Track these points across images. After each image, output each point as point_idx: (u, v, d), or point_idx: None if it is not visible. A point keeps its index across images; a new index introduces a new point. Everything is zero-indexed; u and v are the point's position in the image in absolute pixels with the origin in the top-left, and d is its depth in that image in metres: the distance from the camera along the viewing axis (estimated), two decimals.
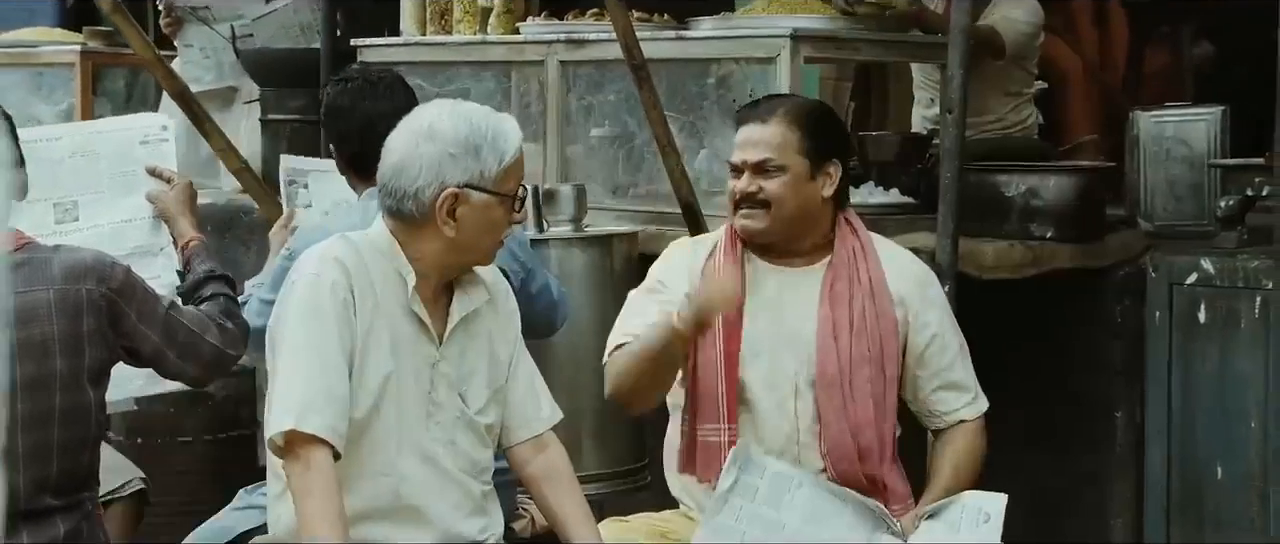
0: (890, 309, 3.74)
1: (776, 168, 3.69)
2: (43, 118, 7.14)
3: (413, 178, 3.25)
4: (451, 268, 3.35)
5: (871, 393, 3.69)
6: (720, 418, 3.68)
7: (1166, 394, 4.72)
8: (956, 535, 3.55)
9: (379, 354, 3.26)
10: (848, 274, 3.73)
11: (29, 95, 7.31)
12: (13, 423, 3.40)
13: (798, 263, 3.78)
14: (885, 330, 3.72)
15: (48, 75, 7.24)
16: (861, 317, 3.70)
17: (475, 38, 5.56)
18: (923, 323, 3.79)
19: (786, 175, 3.70)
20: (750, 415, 3.71)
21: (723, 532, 3.53)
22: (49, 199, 4.00)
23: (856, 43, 5.08)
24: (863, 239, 3.80)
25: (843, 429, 3.67)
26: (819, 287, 3.72)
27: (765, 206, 3.70)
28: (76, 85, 7.03)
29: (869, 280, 3.74)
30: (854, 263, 3.75)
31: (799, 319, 3.71)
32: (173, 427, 5.48)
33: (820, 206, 3.75)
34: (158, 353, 3.58)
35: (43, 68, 7.25)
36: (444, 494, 3.34)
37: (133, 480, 4.42)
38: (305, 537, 3.15)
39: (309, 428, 3.14)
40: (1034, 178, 4.84)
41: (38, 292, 3.44)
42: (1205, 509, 4.62)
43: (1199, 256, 4.67)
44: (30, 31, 7.62)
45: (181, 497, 5.11)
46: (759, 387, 3.70)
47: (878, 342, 3.70)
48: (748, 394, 3.70)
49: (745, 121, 3.81)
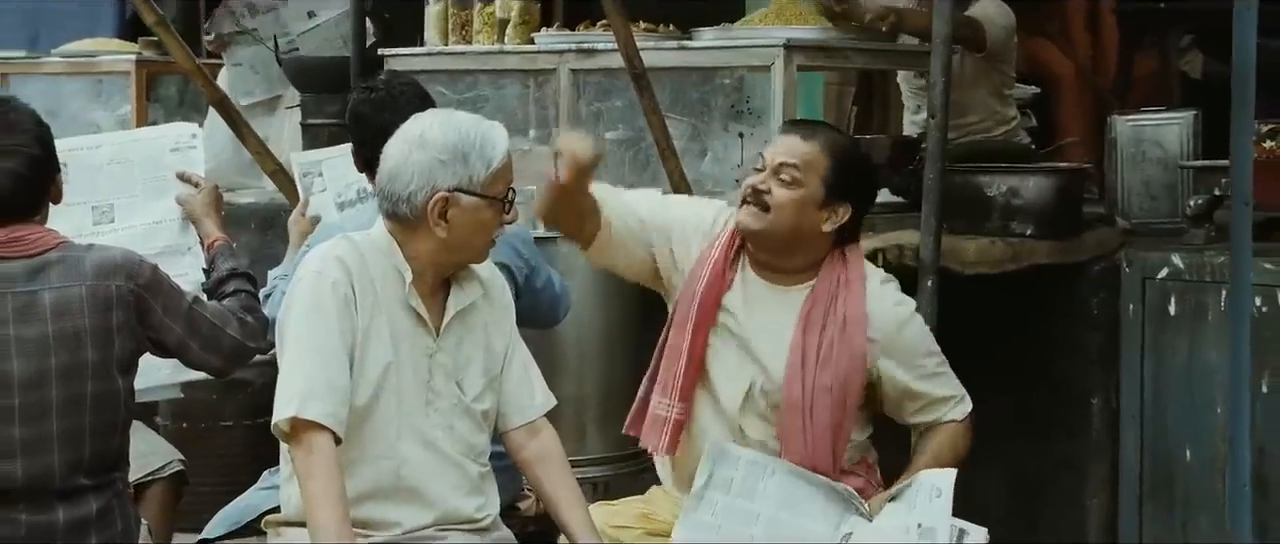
0: (861, 345, 3.69)
1: (794, 180, 3.66)
2: (101, 123, 7.29)
3: (406, 183, 3.30)
4: (446, 266, 3.41)
5: (830, 421, 3.67)
6: (672, 395, 3.72)
7: (1139, 382, 4.78)
8: (912, 513, 3.59)
9: (379, 346, 3.32)
10: (825, 306, 3.69)
11: (89, 102, 7.45)
12: (48, 408, 3.48)
13: (781, 281, 3.75)
14: (851, 367, 3.68)
15: (106, 83, 7.37)
16: (830, 348, 3.67)
17: (493, 47, 5.59)
18: (896, 362, 3.75)
19: (799, 190, 3.66)
20: (704, 403, 3.74)
21: (700, 528, 3.58)
22: (88, 202, 4.10)
23: (846, 52, 5.13)
24: (851, 274, 3.74)
25: (800, 449, 3.68)
26: (796, 311, 3.70)
27: (765, 209, 3.68)
28: (132, 92, 7.16)
29: (844, 317, 3.69)
30: (833, 294, 3.71)
31: (770, 336, 3.70)
32: (214, 412, 5.59)
33: (816, 236, 3.71)
34: (182, 344, 3.63)
35: (102, 76, 7.38)
36: (443, 475, 3.40)
37: (171, 462, 4.50)
38: (308, 515, 3.22)
39: (310, 415, 3.20)
40: (1014, 178, 4.86)
41: (72, 287, 3.49)
42: (1175, 491, 4.68)
43: (1170, 252, 4.73)
44: (91, 42, 7.74)
45: (221, 477, 5.21)
46: (719, 379, 3.73)
47: (841, 376, 3.67)
48: (706, 383, 3.73)
49: (790, 131, 3.79)
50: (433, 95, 4.73)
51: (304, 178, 4.53)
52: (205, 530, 4.19)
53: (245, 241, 6.36)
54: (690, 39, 5.13)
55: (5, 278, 3.48)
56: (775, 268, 3.75)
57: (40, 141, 3.57)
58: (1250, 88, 3.98)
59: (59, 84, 7.56)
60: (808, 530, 3.62)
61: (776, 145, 3.75)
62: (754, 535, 3.60)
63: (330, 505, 3.19)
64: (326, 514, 3.18)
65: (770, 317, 3.72)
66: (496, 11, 5.60)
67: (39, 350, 3.47)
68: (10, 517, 3.47)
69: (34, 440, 3.47)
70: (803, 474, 3.69)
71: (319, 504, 3.19)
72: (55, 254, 3.53)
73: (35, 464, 3.48)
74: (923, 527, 3.57)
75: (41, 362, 3.48)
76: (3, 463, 3.46)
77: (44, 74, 7.65)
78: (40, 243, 3.53)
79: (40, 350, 3.48)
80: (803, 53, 4.89)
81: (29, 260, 3.50)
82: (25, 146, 3.52)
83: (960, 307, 4.64)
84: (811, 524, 3.63)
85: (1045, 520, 5.06)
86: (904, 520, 3.60)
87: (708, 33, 5.12)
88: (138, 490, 4.42)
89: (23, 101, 3.67)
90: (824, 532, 3.63)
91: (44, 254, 3.51)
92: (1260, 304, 4.53)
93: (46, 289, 3.49)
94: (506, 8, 5.57)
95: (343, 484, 3.23)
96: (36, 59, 7.82)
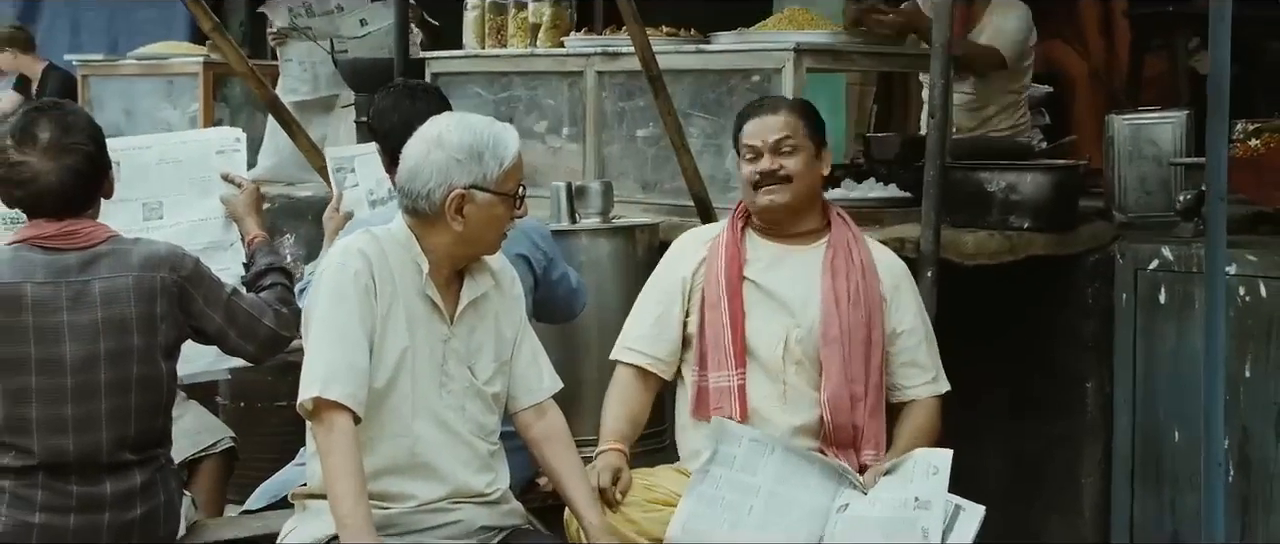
0: (877, 288, 3.92)
1: (793, 147, 3.90)
2: (172, 120, 7.44)
3: (425, 181, 3.39)
4: (461, 258, 3.49)
5: (865, 354, 3.87)
6: (729, 366, 3.86)
7: (1131, 368, 4.80)
8: (909, 486, 3.66)
9: (397, 332, 3.40)
10: (845, 255, 3.92)
11: (161, 101, 7.61)
12: (97, 389, 3.59)
13: (797, 241, 3.95)
14: (872, 304, 3.90)
15: (177, 83, 7.54)
16: (857, 290, 3.88)
17: (525, 51, 5.67)
18: (898, 310, 3.96)
19: (802, 154, 3.91)
20: (751, 368, 3.87)
21: (704, 499, 3.67)
22: (139, 199, 4.19)
23: (853, 55, 5.17)
24: (855, 231, 3.99)
25: (841, 381, 3.84)
26: (820, 262, 3.91)
27: (787, 182, 3.90)
28: (200, 92, 7.31)
29: (862, 262, 3.92)
30: (849, 247, 3.94)
31: (797, 287, 3.89)
32: (270, 392, 5.66)
33: (819, 185, 3.97)
34: (221, 332, 3.74)
35: (173, 77, 7.56)
36: (454, 453, 3.47)
37: (223, 439, 4.57)
38: (328, 488, 3.31)
39: (332, 396, 3.29)
40: (1012, 174, 4.88)
41: (120, 278, 3.60)
42: (1163, 469, 4.71)
43: (1160, 245, 4.74)
44: (163, 45, 7.90)
45: (276, 453, 5.26)
46: (755, 339, 3.87)
47: (867, 312, 3.88)
48: (749, 351, 3.87)
49: (755, 116, 3.98)
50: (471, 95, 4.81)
51: (336, 173, 4.60)
52: (247, 503, 4.30)
53: (304, 233, 6.47)
54: (708, 43, 5.18)
55: (60, 268, 3.59)
56: (790, 234, 3.96)
57: (94, 141, 3.69)
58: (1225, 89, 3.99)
59: (134, 84, 7.75)
60: (805, 503, 3.71)
61: (759, 130, 3.93)
62: (754, 507, 3.68)
63: (348, 479, 3.27)
64: (344, 487, 3.27)
65: (794, 272, 3.91)
66: (529, 17, 5.69)
67: (89, 335, 3.59)
68: (63, 487, 3.59)
69: (84, 418, 3.59)
70: (801, 452, 3.79)
71: (337, 477, 3.28)
72: (105, 247, 3.64)
73: (85, 440, 3.59)
74: (919, 500, 3.64)
75: (91, 346, 3.59)
76: (55, 438, 3.58)
77: (120, 75, 7.84)
78: (92, 236, 3.64)
79: (90, 335, 3.59)
80: (812, 56, 4.93)
81: (82, 252, 3.62)
82: (82, 145, 3.64)
83: (963, 297, 4.68)
84: (809, 497, 3.72)
85: (1043, 497, 5.08)
86: (900, 494, 3.68)
87: (725, 37, 5.17)
88: (192, 465, 4.51)
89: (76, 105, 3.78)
90: (821, 503, 3.72)
91: (95, 247, 3.63)
92: (1244, 293, 4.54)
93: (97, 279, 3.60)
94: (538, 13, 5.65)
95: (360, 460, 3.31)
96: (114, 61, 8.00)
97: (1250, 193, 4.78)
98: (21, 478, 3.59)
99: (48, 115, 3.67)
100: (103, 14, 9.76)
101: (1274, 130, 4.69)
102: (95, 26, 9.84)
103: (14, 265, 3.59)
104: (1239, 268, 4.55)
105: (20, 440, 3.58)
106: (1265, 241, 4.69)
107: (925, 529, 3.57)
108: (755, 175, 3.91)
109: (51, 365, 3.57)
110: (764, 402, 3.86)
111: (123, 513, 3.63)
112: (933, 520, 3.58)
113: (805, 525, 3.67)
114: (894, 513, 3.64)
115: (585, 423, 4.74)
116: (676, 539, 3.63)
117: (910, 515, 3.61)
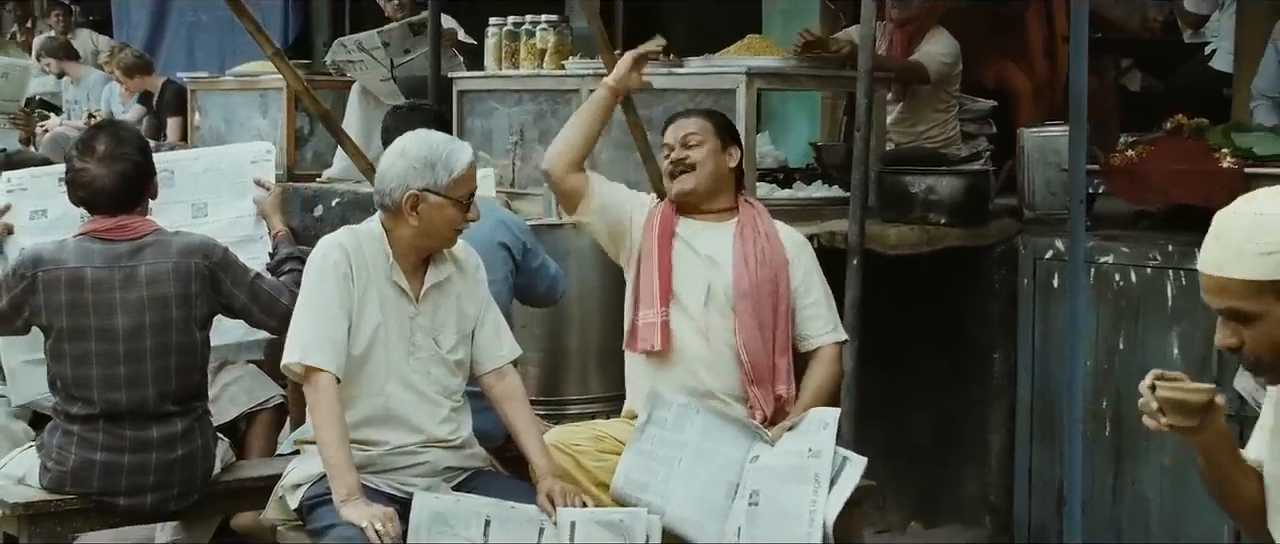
0: (781, 253, 4.08)
1: (698, 142, 4.10)
2: (260, 129, 7.66)
3: (389, 183, 3.59)
4: (423, 249, 3.65)
5: (773, 304, 4.03)
6: (655, 302, 4.03)
7: (1031, 341, 4.95)
8: (804, 439, 3.83)
9: (371, 310, 3.59)
10: (751, 228, 4.09)
11: (253, 112, 7.85)
12: (144, 353, 3.84)
13: (713, 219, 4.13)
14: (777, 265, 4.06)
15: (267, 97, 7.75)
16: (762, 253, 4.05)
17: (534, 72, 5.86)
18: (799, 271, 4.11)
19: (706, 147, 4.10)
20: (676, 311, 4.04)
21: (642, 454, 3.84)
22: (189, 201, 4.39)
23: (798, 77, 5.34)
24: (760, 210, 4.18)
25: (753, 326, 3.99)
26: (732, 233, 4.09)
27: (692, 169, 4.09)
28: (283, 104, 7.57)
29: (765, 233, 4.10)
30: (755, 222, 4.11)
31: (716, 251, 4.07)
32: None
33: (727, 175, 4.14)
34: (245, 308, 3.97)
35: (263, 91, 7.77)
36: (422, 408, 3.65)
37: (274, 396, 4.79)
38: (315, 434, 3.54)
39: (312, 361, 3.51)
40: (932, 178, 5.03)
41: (162, 263, 3.86)
42: (1057, 425, 4.81)
43: (1054, 238, 4.88)
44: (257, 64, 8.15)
45: None
46: (681, 287, 4.05)
47: (773, 271, 4.04)
48: (674, 296, 4.05)
49: (676, 118, 4.22)
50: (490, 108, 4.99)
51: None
52: (279, 448, 4.56)
53: None
54: (680, 67, 5.33)
55: (113, 255, 3.87)
56: (706, 212, 4.14)
57: (141, 151, 3.96)
58: (1082, 107, 4.18)
59: (231, 97, 8.02)
60: (725, 455, 3.88)
61: (674, 131, 4.16)
62: (682, 460, 3.86)
63: (331, 427, 3.49)
64: (328, 434, 3.49)
65: (712, 240, 4.10)
66: (537, 43, 5.90)
67: (137, 309, 3.85)
68: (118, 432, 3.86)
69: (133, 376, 3.85)
70: (722, 413, 3.95)
71: (322, 426, 3.51)
72: (150, 238, 3.90)
73: (134, 395, 3.86)
74: (813, 451, 3.80)
75: (138, 318, 3.85)
76: (112, 392, 3.84)
77: (221, 90, 8.11)
78: (140, 229, 3.91)
79: (138, 309, 3.85)
80: (763, 78, 5.10)
81: (131, 242, 3.89)
82: (131, 155, 3.92)
83: (889, 283, 4.84)
84: (728, 450, 3.88)
85: (959, 451, 5.23)
86: (799, 445, 3.84)
87: (694, 61, 5.33)
88: (250, 418, 4.77)
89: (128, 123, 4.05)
90: (738, 456, 3.88)
91: (142, 238, 3.90)
92: (1118, 279, 4.69)
93: (143, 264, 3.86)
94: (545, 40, 5.86)
95: (342, 411, 3.52)
96: (216, 78, 8.27)
97: (1127, 195, 4.92)
98: (86, 424, 3.86)
99: (104, 131, 3.98)
100: (214, 35, 10.07)
101: (1147, 143, 4.82)
102: (208, 46, 10.12)
103: (77, 253, 3.87)
104: (1115, 257, 4.70)
105: (84, 393, 3.85)
106: (1140, 236, 4.82)
107: (817, 475, 3.73)
108: (669, 165, 4.13)
109: (107, 334, 3.83)
110: (687, 338, 4.01)
111: (167, 453, 3.88)
112: (823, 467, 3.74)
113: (725, 474, 3.83)
114: (794, 461, 3.79)
115: (570, 384, 4.93)
116: (620, 486, 3.81)
117: (806, 463, 3.76)
